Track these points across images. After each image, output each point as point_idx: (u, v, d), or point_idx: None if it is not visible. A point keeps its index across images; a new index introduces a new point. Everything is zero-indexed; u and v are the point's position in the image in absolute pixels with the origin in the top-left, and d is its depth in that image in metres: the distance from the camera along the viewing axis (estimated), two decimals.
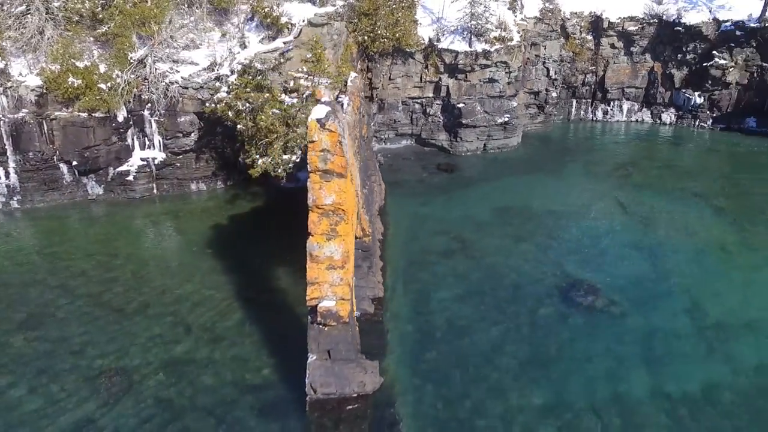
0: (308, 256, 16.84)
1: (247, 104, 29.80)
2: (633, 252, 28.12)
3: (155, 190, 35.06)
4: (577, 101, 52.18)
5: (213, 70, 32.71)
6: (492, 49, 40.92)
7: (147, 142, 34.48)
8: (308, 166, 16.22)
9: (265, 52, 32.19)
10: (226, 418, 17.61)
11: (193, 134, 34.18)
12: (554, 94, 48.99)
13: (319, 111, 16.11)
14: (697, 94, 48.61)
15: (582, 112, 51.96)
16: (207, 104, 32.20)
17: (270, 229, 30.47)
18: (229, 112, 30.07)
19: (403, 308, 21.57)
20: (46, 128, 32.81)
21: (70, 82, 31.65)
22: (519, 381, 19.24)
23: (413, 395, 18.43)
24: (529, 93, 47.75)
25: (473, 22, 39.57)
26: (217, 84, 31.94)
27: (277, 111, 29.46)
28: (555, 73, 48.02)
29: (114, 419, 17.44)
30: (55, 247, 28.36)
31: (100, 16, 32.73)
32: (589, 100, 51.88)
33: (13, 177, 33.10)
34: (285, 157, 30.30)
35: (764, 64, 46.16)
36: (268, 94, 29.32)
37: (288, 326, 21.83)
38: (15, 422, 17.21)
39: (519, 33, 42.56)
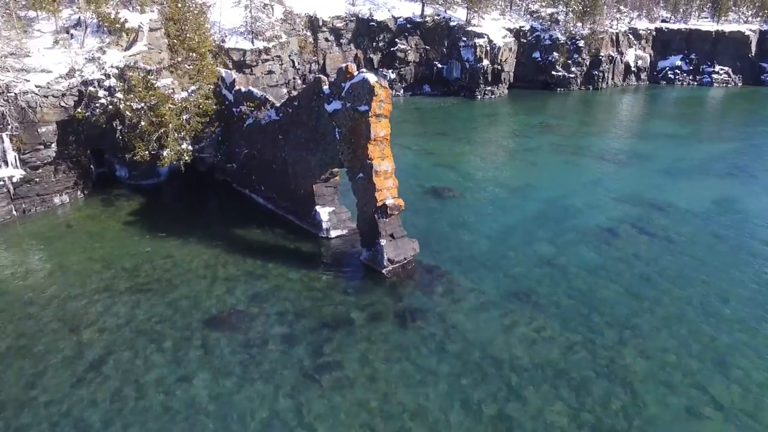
0: (374, 173, 24.98)
1: (143, 102, 32.33)
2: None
3: (14, 212, 33.02)
4: None
5: (73, 77, 33.06)
6: (270, 46, 49.60)
7: None
8: (369, 112, 24.31)
9: (131, 55, 34.30)
10: (335, 299, 24.30)
11: (53, 145, 33.52)
12: (299, 81, 60.13)
13: (371, 76, 24.35)
14: (390, 71, 66.68)
15: None
16: (79, 110, 32.67)
17: (186, 212, 34.07)
18: (127, 111, 31.99)
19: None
20: None
21: None
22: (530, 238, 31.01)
23: (428, 255, 28.27)
24: (284, 84, 57.69)
25: (258, 24, 47.42)
26: (91, 89, 32.74)
27: (172, 106, 33.02)
28: (298, 64, 59.14)
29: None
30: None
31: None
32: None
33: None
34: (183, 146, 34.04)
35: (427, 47, 66.94)
36: (170, 91, 32.52)
37: (305, 256, 28.50)
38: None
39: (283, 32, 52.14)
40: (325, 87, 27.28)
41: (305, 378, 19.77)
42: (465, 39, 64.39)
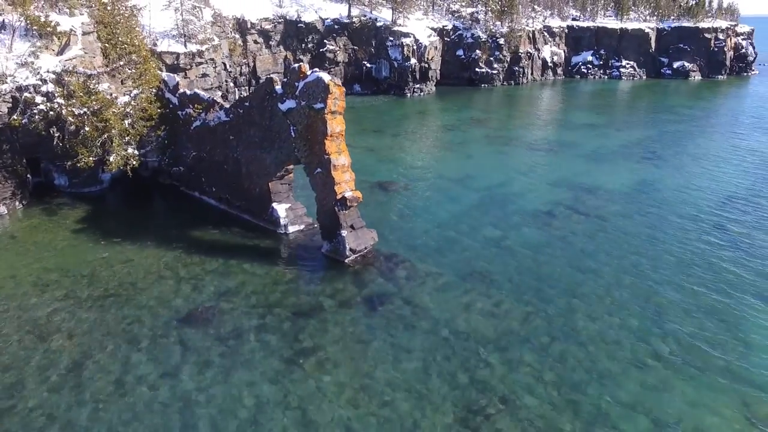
0: (332, 167, 26.03)
1: (85, 108, 31.72)
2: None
3: None
4: (238, 89, 64.15)
5: (5, 82, 31.90)
6: (203, 49, 49.29)
7: None
8: (324, 109, 25.34)
9: (67, 60, 33.45)
10: (302, 290, 25.26)
11: None
12: (232, 84, 59.89)
13: (325, 75, 25.40)
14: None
15: None
16: (14, 117, 31.63)
17: (138, 217, 33.70)
18: (70, 117, 31.30)
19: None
20: None
21: None
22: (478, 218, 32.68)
23: (385, 244, 29.67)
24: (218, 87, 57.32)
25: (190, 27, 47.03)
26: (28, 95, 31.72)
27: (116, 110, 32.60)
28: (230, 67, 58.89)
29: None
30: None
31: None
32: (247, 87, 64.59)
33: None
34: (129, 151, 33.65)
35: (356, 47, 68.33)
36: (113, 95, 32.01)
37: (266, 252, 29.14)
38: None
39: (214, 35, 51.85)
40: (278, 87, 28.07)
41: (286, 364, 20.60)
42: (392, 39, 66.36)
